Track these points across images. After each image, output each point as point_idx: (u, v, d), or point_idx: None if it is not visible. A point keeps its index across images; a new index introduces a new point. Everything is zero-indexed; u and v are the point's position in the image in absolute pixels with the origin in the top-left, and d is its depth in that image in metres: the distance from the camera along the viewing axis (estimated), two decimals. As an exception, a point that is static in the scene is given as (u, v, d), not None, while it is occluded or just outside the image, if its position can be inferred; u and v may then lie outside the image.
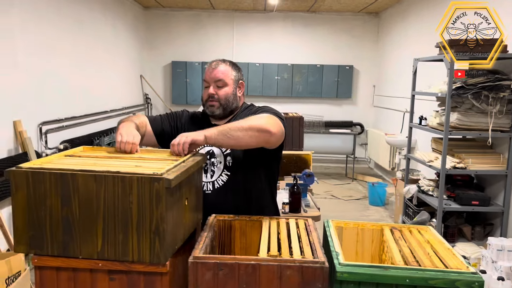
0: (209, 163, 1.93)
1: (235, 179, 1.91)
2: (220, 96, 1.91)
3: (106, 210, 1.31)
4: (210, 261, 1.33)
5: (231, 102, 1.94)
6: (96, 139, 5.45)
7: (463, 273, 1.29)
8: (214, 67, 1.94)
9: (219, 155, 1.93)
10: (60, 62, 4.88)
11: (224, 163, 1.92)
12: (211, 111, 1.94)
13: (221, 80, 1.91)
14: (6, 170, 1.35)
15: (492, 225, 4.03)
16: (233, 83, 1.95)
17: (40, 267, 1.37)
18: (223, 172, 1.92)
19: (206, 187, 1.92)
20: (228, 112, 1.97)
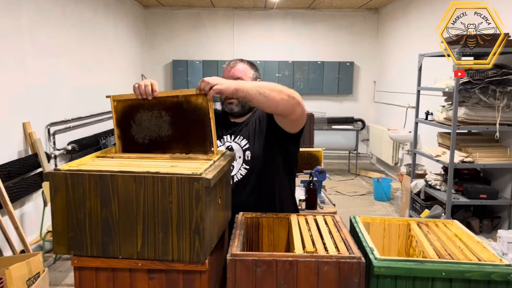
0: None
1: (254, 173, 1.93)
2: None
3: (146, 211, 1.33)
4: (248, 258, 1.35)
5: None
6: (102, 139, 5.45)
7: (497, 265, 1.31)
8: (232, 66, 1.98)
9: (238, 150, 1.96)
10: (65, 63, 4.88)
11: (243, 157, 1.95)
12: (230, 108, 1.98)
13: (240, 78, 1.94)
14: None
15: (499, 218, 4.07)
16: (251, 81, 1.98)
17: (80, 268, 1.39)
18: (242, 166, 1.94)
19: None
20: (247, 110, 2.01)
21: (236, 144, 1.97)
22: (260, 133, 1.96)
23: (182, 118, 1.61)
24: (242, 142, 1.97)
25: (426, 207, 4.38)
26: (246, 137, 1.98)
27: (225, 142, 2.00)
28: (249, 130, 1.98)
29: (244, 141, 1.97)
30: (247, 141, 1.97)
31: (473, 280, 1.30)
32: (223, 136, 2.01)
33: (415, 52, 5.00)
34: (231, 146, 1.98)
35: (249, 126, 2.01)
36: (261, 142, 1.95)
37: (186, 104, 1.60)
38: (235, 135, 2.00)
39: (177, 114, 1.61)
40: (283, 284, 1.34)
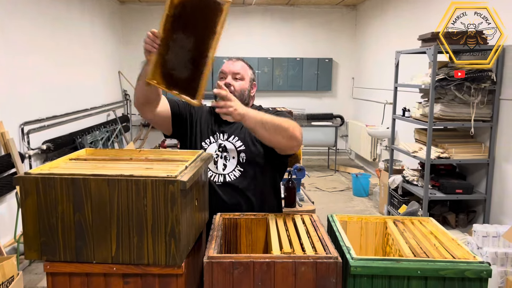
0: (220, 155, 1.96)
1: (248, 175, 1.94)
2: (235, 88, 1.95)
3: (120, 214, 1.30)
4: (225, 261, 1.34)
5: (245, 98, 1.98)
6: (78, 138, 5.35)
7: (471, 263, 1.33)
8: (234, 61, 2.01)
9: (232, 150, 1.96)
10: (39, 60, 4.77)
11: (238, 158, 1.95)
12: None
13: (240, 74, 1.97)
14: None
15: (474, 212, 4.16)
16: (248, 80, 2.01)
17: (53, 273, 1.36)
18: (236, 167, 1.95)
19: (217, 179, 1.94)
20: None
21: (230, 144, 1.97)
22: (257, 139, 1.96)
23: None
24: (237, 143, 1.97)
25: (403, 202, 4.44)
26: (242, 138, 1.98)
27: (218, 139, 2.00)
28: (245, 132, 1.98)
29: (239, 142, 1.97)
30: (242, 143, 1.97)
31: (447, 278, 1.31)
32: (216, 133, 2.01)
33: (393, 49, 5.06)
34: (224, 144, 1.98)
35: (245, 128, 1.99)
36: (257, 147, 1.97)
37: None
38: (228, 134, 2.00)
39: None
40: (261, 286, 1.34)
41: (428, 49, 3.76)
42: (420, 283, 1.33)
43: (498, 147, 3.82)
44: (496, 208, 3.86)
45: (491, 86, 3.69)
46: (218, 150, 1.97)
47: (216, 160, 1.96)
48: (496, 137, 3.82)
